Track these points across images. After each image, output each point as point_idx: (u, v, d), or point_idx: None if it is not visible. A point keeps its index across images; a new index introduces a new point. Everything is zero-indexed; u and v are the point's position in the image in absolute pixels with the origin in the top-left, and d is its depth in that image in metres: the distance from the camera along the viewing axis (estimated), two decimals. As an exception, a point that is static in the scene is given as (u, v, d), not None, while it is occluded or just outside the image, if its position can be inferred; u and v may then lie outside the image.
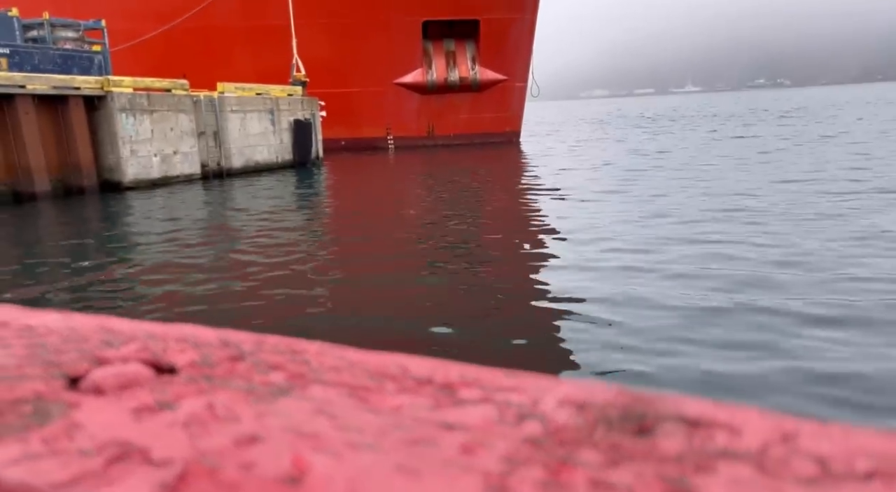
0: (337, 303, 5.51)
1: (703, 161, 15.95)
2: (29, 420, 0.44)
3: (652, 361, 3.91)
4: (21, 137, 12.47)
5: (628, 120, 49.11)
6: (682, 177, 12.98)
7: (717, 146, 20.40)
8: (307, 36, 22.99)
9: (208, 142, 17.27)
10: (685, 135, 27.09)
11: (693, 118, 43.79)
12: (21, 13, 16.14)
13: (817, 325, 4.46)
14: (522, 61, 27.05)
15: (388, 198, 13.34)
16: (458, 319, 4.98)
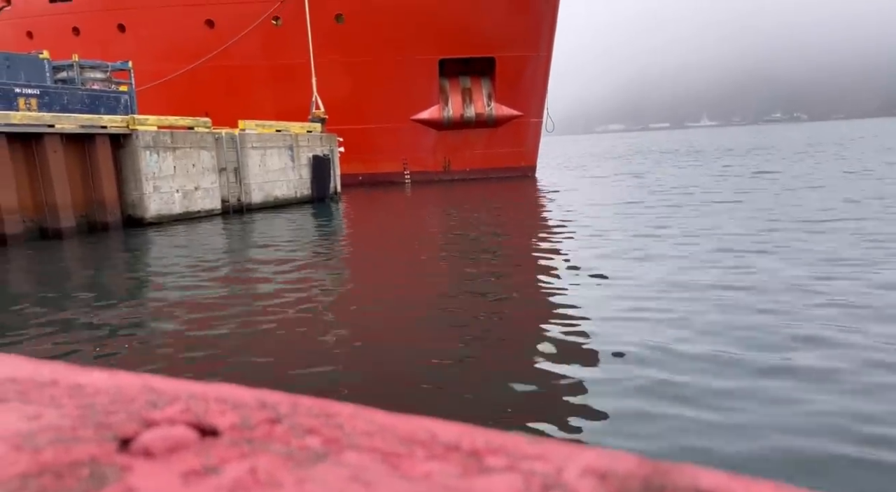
0: (355, 350, 5.50)
1: (718, 196, 15.91)
2: (87, 484, 0.45)
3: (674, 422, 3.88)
4: (49, 174, 12.81)
5: (645, 154, 49.20)
6: (698, 214, 12.92)
7: (736, 181, 20.32)
8: (327, 74, 23.51)
9: (229, 177, 17.59)
10: (700, 169, 27.10)
11: (710, 153, 43.79)
12: (52, 55, 16.74)
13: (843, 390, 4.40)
14: (538, 97, 27.37)
15: (405, 235, 13.41)
16: (479, 370, 4.97)
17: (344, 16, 24.29)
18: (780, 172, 22.72)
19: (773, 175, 21.40)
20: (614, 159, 44.69)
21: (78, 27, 25.60)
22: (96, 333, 6.25)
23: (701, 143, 69.67)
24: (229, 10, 24.14)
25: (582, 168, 35.16)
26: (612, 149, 70.96)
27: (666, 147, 63.23)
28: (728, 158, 34.92)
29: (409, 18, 24.23)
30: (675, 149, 55.69)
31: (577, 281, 7.47)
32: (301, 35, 23.53)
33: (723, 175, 23.11)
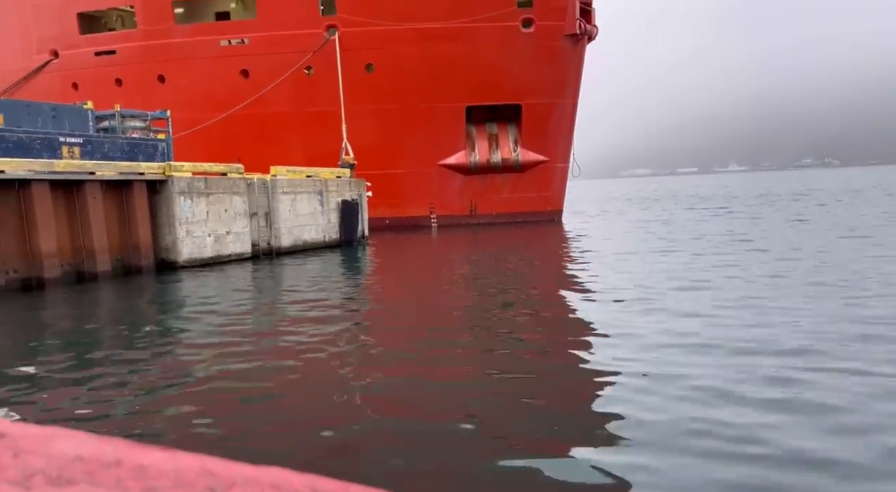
0: (385, 406, 5.43)
1: (754, 245, 15.72)
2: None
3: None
4: (87, 219, 13.23)
5: (674, 200, 48.96)
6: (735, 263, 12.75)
7: (771, 227, 20.06)
8: (356, 121, 24.09)
9: (259, 222, 17.94)
10: (734, 216, 26.86)
11: (740, 198, 43.44)
12: (96, 105, 17.49)
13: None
14: (564, 143, 27.62)
15: (432, 280, 13.43)
16: (510, 434, 4.92)
17: (374, 65, 25.00)
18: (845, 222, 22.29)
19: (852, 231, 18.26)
20: (643, 204, 44.59)
21: (121, 78, 26.73)
22: (126, 388, 6.34)
23: (734, 187, 69.16)
24: (264, 60, 25.03)
25: (610, 213, 35.11)
26: (639, 193, 70.77)
27: (697, 192, 62.86)
28: (769, 203, 34.61)
29: (437, 68, 24.84)
30: (710, 194, 55.36)
31: (616, 353, 6.78)
32: (332, 84, 24.24)
33: (757, 219, 22.84)
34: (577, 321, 8.50)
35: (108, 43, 27.26)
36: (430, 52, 24.64)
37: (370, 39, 24.48)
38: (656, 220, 27.06)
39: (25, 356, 7.42)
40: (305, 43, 24.62)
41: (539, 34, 25.01)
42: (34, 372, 6.67)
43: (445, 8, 24.31)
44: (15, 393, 5.89)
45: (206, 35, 25.76)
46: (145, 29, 26.28)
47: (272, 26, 24.90)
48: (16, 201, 12.15)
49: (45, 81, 28.08)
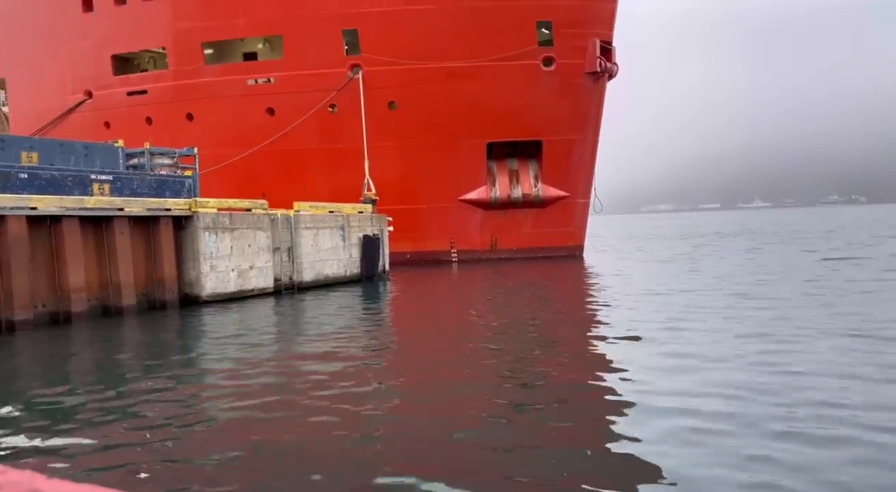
0: (403, 457, 5.35)
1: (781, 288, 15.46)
2: None
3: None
4: (115, 254, 13.49)
5: (698, 237, 48.58)
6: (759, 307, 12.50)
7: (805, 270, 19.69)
8: (379, 157, 24.44)
9: (282, 257, 18.12)
10: (760, 254, 26.55)
11: (766, 234, 42.96)
12: (126, 143, 17.99)
13: None
14: (584, 178, 27.67)
15: (452, 318, 13.38)
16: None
17: (396, 103, 25.45)
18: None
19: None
20: (665, 240, 44.29)
21: (151, 117, 27.52)
22: (146, 431, 6.37)
23: (762, 224, 68.47)
24: (289, 98, 25.62)
25: (632, 249, 34.91)
26: (661, 229, 70.36)
27: (722, 228, 62.36)
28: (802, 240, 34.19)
29: (459, 105, 25.19)
30: (733, 231, 54.88)
31: (643, 411, 6.29)
32: (355, 121, 24.70)
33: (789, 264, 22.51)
34: (600, 362, 8.40)
35: (139, 83, 28.16)
36: (452, 89, 25.04)
37: (393, 78, 24.98)
38: (680, 257, 26.86)
39: (48, 391, 7.51)
40: (330, 82, 25.19)
41: (560, 72, 25.32)
42: (56, 407, 6.74)
43: (467, 47, 24.77)
44: (32, 431, 5.95)
45: (234, 75, 26.50)
46: (176, 69, 27.13)
47: (298, 66, 25.55)
48: (47, 237, 12.46)
49: (79, 120, 29.01)
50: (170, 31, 27.03)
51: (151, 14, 27.11)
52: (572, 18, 24.99)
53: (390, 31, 24.78)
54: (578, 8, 25.03)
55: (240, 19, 25.92)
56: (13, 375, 8.88)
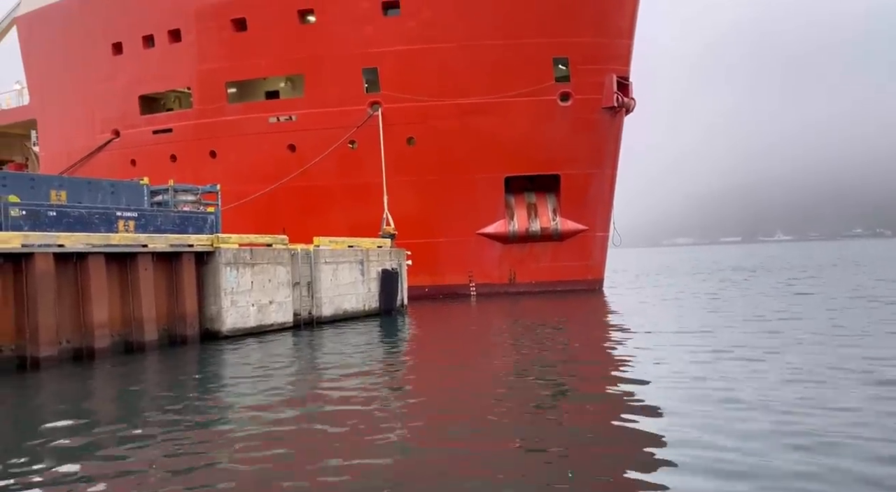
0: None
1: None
2: None
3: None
4: (138, 290, 13.68)
5: (719, 272, 48.05)
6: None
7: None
8: (397, 192, 24.69)
9: (302, 291, 18.23)
10: (789, 290, 26.16)
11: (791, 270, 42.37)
12: (151, 180, 18.41)
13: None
14: (603, 212, 27.64)
15: (471, 356, 13.26)
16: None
17: (415, 139, 25.79)
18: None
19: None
20: (687, 274, 43.88)
21: (175, 154, 28.17)
22: (165, 471, 6.39)
23: (788, 258, 67.62)
24: (310, 135, 26.10)
25: (652, 283, 34.62)
26: (682, 263, 69.74)
27: (747, 263, 61.68)
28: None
29: (477, 140, 25.46)
30: (754, 265, 54.25)
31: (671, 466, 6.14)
32: (375, 156, 25.05)
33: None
34: (621, 405, 8.28)
35: (165, 122, 28.93)
36: (470, 125, 25.35)
37: (412, 115, 25.37)
38: (702, 293, 26.57)
39: (71, 427, 7.57)
40: (350, 119, 25.65)
41: (577, 107, 25.54)
42: (75, 444, 6.79)
43: (484, 84, 25.14)
44: (53, 467, 5.99)
45: (257, 113, 27.12)
46: (200, 108, 27.84)
47: (319, 104, 26.09)
48: (73, 273, 12.69)
49: (107, 159, 29.79)
50: (195, 72, 27.84)
51: (178, 56, 27.97)
52: (589, 55, 25.30)
53: (409, 70, 25.27)
54: (594, 45, 25.36)
55: (262, 59, 26.63)
56: (41, 413, 8.97)
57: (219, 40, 27.10)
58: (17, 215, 12.60)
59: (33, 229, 12.70)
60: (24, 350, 11.73)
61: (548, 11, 24.68)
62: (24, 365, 11.67)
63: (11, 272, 11.73)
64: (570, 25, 24.92)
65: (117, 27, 29.40)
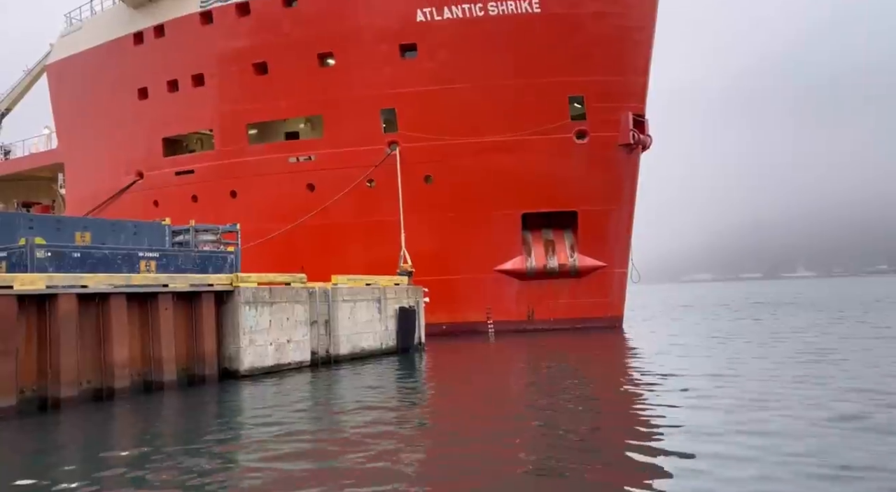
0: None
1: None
2: None
3: None
4: (158, 330, 13.80)
5: (744, 309, 47.33)
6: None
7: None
8: (415, 229, 24.83)
9: (319, 330, 18.25)
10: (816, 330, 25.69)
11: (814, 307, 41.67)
12: (173, 220, 18.73)
13: None
14: (621, 248, 27.49)
15: (490, 396, 13.10)
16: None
17: (432, 177, 26.03)
18: None
19: None
20: (708, 312, 43.30)
21: (196, 195, 28.68)
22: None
23: (813, 294, 66.56)
24: (329, 174, 26.47)
25: (672, 321, 34.18)
26: (702, 299, 68.81)
27: (773, 298, 60.67)
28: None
29: (493, 177, 25.63)
30: (774, 300, 53.41)
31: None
32: (392, 195, 25.30)
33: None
34: (644, 451, 8.11)
35: (187, 164, 29.56)
36: (486, 162, 25.56)
37: (429, 153, 25.67)
38: (725, 332, 26.16)
39: (95, 469, 7.56)
40: (368, 158, 26.01)
41: (593, 145, 25.68)
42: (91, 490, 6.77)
43: (501, 123, 25.43)
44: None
45: (277, 153, 27.62)
46: (222, 149, 28.43)
47: (338, 144, 26.52)
48: (95, 314, 12.85)
49: (130, 200, 30.43)
50: (217, 114, 28.53)
51: (201, 99, 28.73)
52: (604, 93, 25.54)
53: (426, 110, 25.67)
54: (610, 83, 25.62)
55: (283, 101, 27.25)
56: (60, 455, 8.98)
57: (240, 83, 27.82)
58: (42, 257, 12.84)
59: (58, 270, 12.92)
60: (46, 391, 11.82)
61: (563, 51, 25.05)
62: (44, 406, 11.74)
63: (36, 313, 11.91)
64: (585, 64, 25.25)
65: (143, 73, 30.36)
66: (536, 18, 24.92)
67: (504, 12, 25.01)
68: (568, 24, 24.97)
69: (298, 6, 26.69)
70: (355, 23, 26.05)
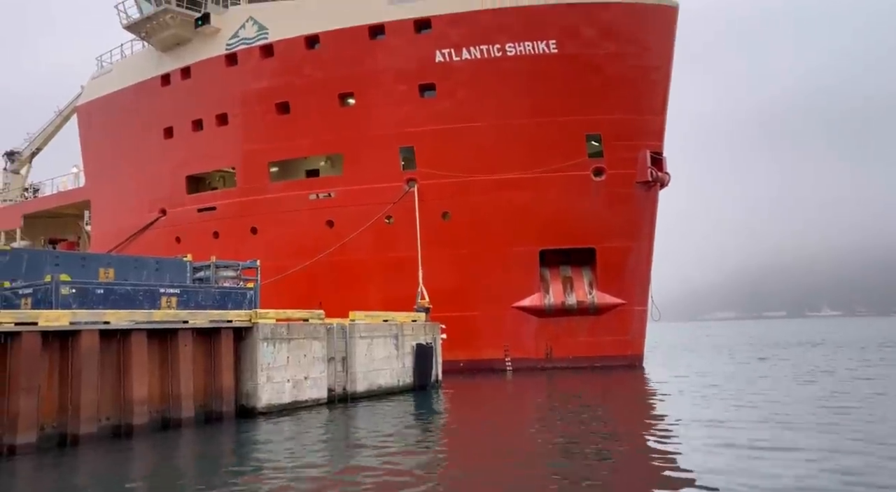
0: None
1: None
2: None
3: None
4: (178, 367, 13.88)
5: (769, 348, 46.47)
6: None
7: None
8: (432, 265, 24.88)
9: (336, 367, 18.21)
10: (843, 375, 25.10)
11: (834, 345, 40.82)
12: (194, 256, 18.99)
13: None
14: (641, 285, 27.26)
15: (508, 439, 12.90)
16: None
17: (450, 213, 26.19)
18: None
19: None
20: (732, 351, 42.56)
21: (218, 231, 29.12)
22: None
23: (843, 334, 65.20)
24: (348, 211, 26.78)
25: (694, 360, 33.60)
26: (727, 338, 67.70)
27: (802, 337, 59.49)
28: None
29: (511, 214, 25.73)
30: (799, 341, 52.34)
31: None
32: (410, 231, 25.46)
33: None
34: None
35: (209, 200, 30.11)
36: (504, 199, 25.70)
37: (447, 190, 25.90)
38: (751, 374, 25.64)
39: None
40: (387, 195, 26.30)
41: (610, 182, 25.74)
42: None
43: (518, 160, 25.64)
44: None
45: (297, 191, 28.04)
46: (244, 186, 28.95)
47: (357, 181, 26.88)
48: (116, 350, 12.98)
49: (153, 236, 30.99)
50: (240, 152, 29.15)
51: (224, 137, 29.42)
52: (621, 131, 25.70)
53: (445, 147, 25.99)
54: (627, 122, 25.80)
55: (304, 140, 27.79)
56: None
57: (263, 122, 28.47)
58: (67, 293, 13.07)
59: (82, 307, 13.13)
60: (66, 427, 11.89)
61: (579, 90, 25.34)
62: (64, 442, 11.80)
63: (59, 349, 12.07)
64: (602, 103, 25.50)
65: (169, 113, 31.23)
66: (554, 58, 25.31)
67: (522, 53, 25.45)
68: (585, 65, 25.32)
69: (320, 48, 27.42)
70: (375, 64, 26.66)
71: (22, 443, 11.04)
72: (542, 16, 25.22)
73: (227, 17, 29.66)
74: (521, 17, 25.32)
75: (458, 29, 25.73)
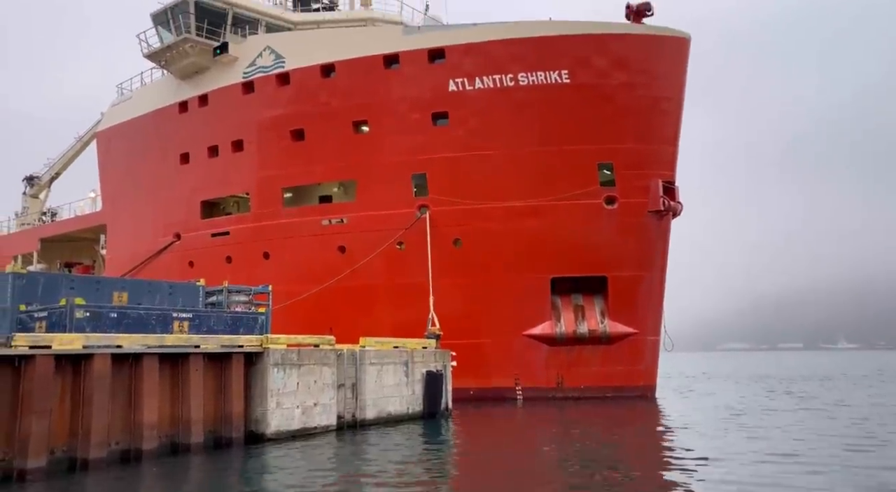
0: None
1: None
2: None
3: None
4: (188, 391, 13.88)
5: (792, 381, 45.79)
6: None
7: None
8: (443, 292, 24.84)
9: (346, 393, 18.12)
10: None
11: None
12: (207, 281, 19.11)
13: None
14: (653, 315, 27.04)
15: (517, 476, 12.69)
16: None
17: (461, 240, 26.24)
18: None
19: None
20: (748, 383, 41.95)
21: (231, 256, 29.33)
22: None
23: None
24: (360, 236, 26.90)
25: (709, 392, 33.13)
26: (741, 369, 66.78)
27: (818, 371, 58.55)
28: None
29: (523, 242, 25.72)
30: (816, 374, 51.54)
31: None
32: (422, 257, 25.49)
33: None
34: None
35: (223, 225, 30.40)
36: (515, 227, 25.73)
37: (459, 217, 25.99)
38: (766, 406, 25.23)
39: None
40: (399, 221, 26.42)
41: (622, 211, 25.73)
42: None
43: (530, 188, 25.71)
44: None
45: (310, 216, 28.24)
46: (257, 212, 29.22)
47: (369, 207, 27.06)
48: (128, 374, 13.01)
49: (167, 260, 31.27)
50: (254, 178, 29.48)
51: (239, 164, 29.80)
52: (633, 161, 25.76)
53: (457, 175, 26.15)
54: (639, 151, 25.87)
55: (318, 166, 28.09)
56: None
57: (278, 149, 28.84)
58: (81, 317, 13.18)
59: (95, 330, 13.21)
60: (76, 451, 11.88)
61: (591, 120, 25.49)
62: (73, 467, 11.78)
63: (71, 373, 12.12)
64: (614, 133, 25.61)
65: (186, 139, 31.73)
66: (566, 88, 25.54)
67: (534, 82, 25.71)
68: (597, 94, 25.51)
69: (336, 77, 27.85)
70: (389, 93, 27.01)
71: (32, 467, 11.03)
72: (555, 46, 25.52)
73: (245, 47, 30.26)
74: (534, 48, 25.63)
75: (471, 58, 26.07)
